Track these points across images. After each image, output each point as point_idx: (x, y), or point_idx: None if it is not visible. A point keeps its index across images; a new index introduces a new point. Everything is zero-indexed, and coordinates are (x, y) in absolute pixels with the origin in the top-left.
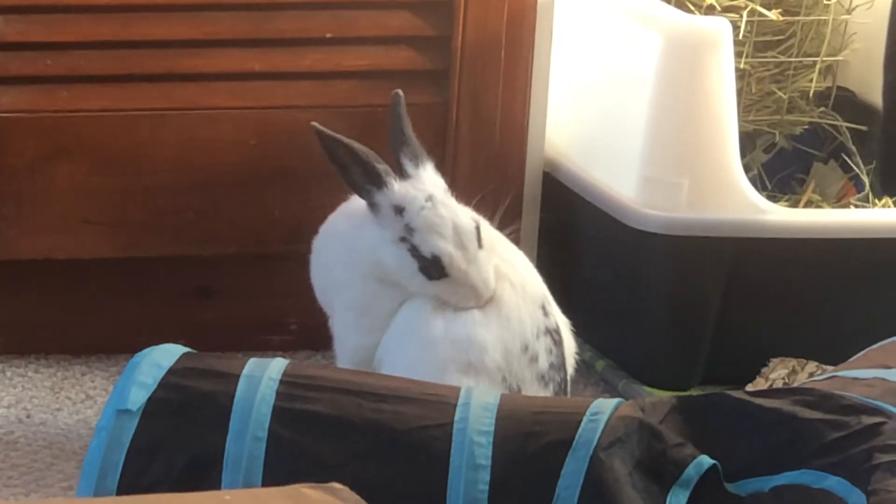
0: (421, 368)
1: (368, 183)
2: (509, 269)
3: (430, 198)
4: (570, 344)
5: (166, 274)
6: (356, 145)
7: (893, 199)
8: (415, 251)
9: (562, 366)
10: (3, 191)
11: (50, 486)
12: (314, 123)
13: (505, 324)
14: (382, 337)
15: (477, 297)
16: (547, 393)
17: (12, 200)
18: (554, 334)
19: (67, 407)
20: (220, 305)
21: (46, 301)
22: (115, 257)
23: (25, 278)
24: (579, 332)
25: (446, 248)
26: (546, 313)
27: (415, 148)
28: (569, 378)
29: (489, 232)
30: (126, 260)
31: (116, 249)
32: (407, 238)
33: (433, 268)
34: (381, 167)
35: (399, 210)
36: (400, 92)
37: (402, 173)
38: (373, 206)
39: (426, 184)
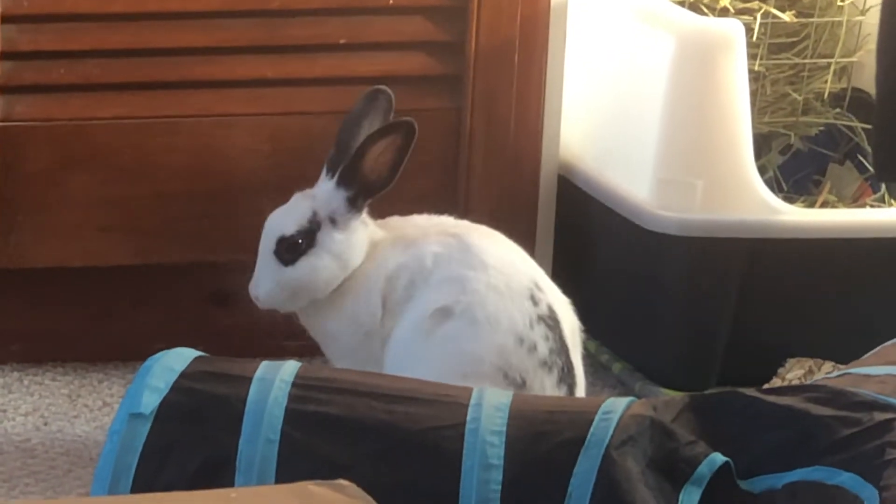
0: None
1: None
2: (488, 272)
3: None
4: (570, 320)
5: (182, 280)
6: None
7: None
8: None
9: (562, 349)
10: (18, 199)
11: (67, 493)
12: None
13: (494, 327)
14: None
15: None
16: (552, 377)
17: (27, 209)
18: (548, 320)
19: (85, 414)
20: (236, 311)
21: (63, 309)
22: (130, 264)
23: (41, 287)
24: (595, 334)
25: None
26: (535, 302)
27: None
28: (574, 360)
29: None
30: (141, 267)
31: (131, 256)
32: None
33: None
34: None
35: None
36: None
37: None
38: None
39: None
